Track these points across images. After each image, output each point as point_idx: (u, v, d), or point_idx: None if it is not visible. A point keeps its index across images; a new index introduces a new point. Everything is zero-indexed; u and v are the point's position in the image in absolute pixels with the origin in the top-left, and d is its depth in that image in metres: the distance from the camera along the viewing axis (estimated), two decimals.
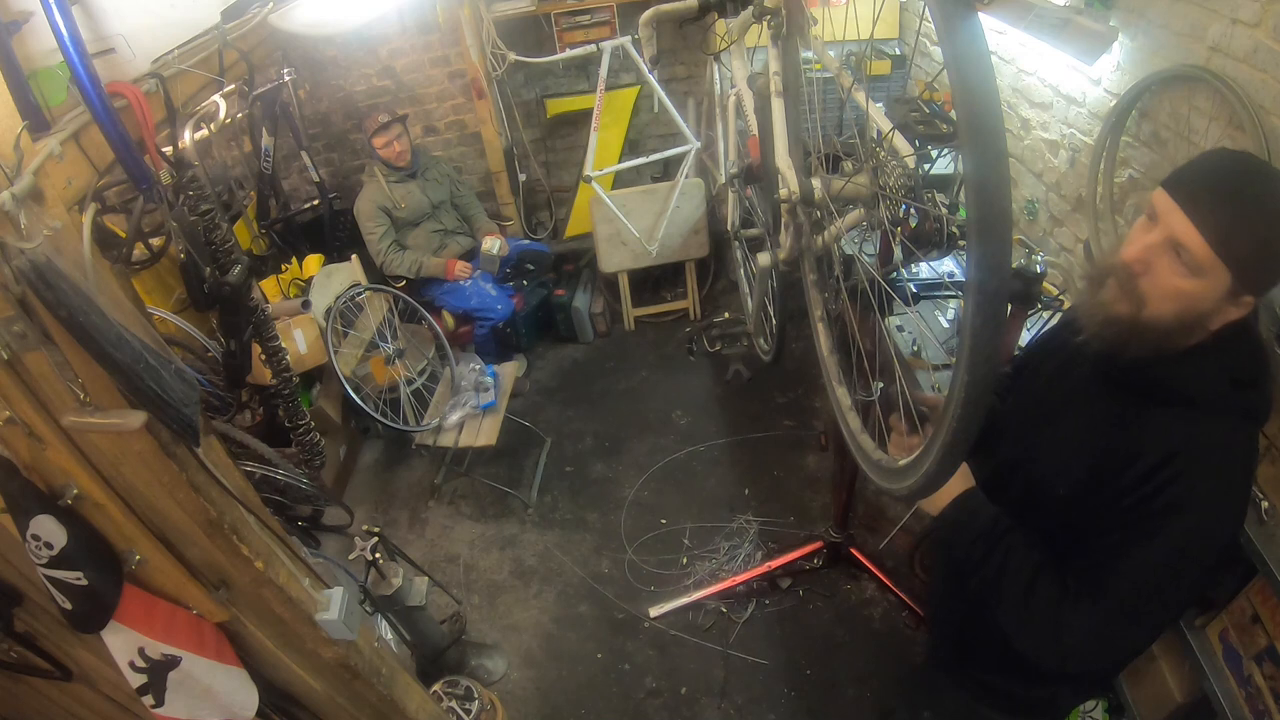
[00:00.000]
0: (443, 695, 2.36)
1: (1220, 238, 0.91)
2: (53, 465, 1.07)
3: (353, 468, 3.74)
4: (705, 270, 4.51)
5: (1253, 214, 0.92)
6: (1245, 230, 0.91)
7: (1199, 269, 0.93)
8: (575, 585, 3.04)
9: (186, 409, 1.04)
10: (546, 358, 4.34)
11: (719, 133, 3.62)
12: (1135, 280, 0.99)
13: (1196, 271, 0.94)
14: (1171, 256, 0.95)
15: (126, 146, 1.09)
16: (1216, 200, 0.93)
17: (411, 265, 3.72)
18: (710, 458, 3.51)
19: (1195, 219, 0.92)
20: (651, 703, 2.61)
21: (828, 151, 1.69)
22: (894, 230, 1.39)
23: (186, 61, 1.39)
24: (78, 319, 0.90)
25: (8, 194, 0.86)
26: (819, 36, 1.70)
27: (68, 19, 0.97)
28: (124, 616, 1.19)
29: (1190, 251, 0.93)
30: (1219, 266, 0.92)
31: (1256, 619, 1.44)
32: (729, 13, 2.01)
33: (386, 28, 3.90)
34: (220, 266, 1.68)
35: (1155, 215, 0.98)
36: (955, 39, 0.87)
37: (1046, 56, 2.26)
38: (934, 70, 3.17)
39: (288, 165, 4.13)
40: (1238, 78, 1.54)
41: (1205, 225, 0.92)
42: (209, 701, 1.34)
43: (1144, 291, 0.98)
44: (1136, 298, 0.99)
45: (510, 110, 4.22)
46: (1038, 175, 2.44)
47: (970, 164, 0.89)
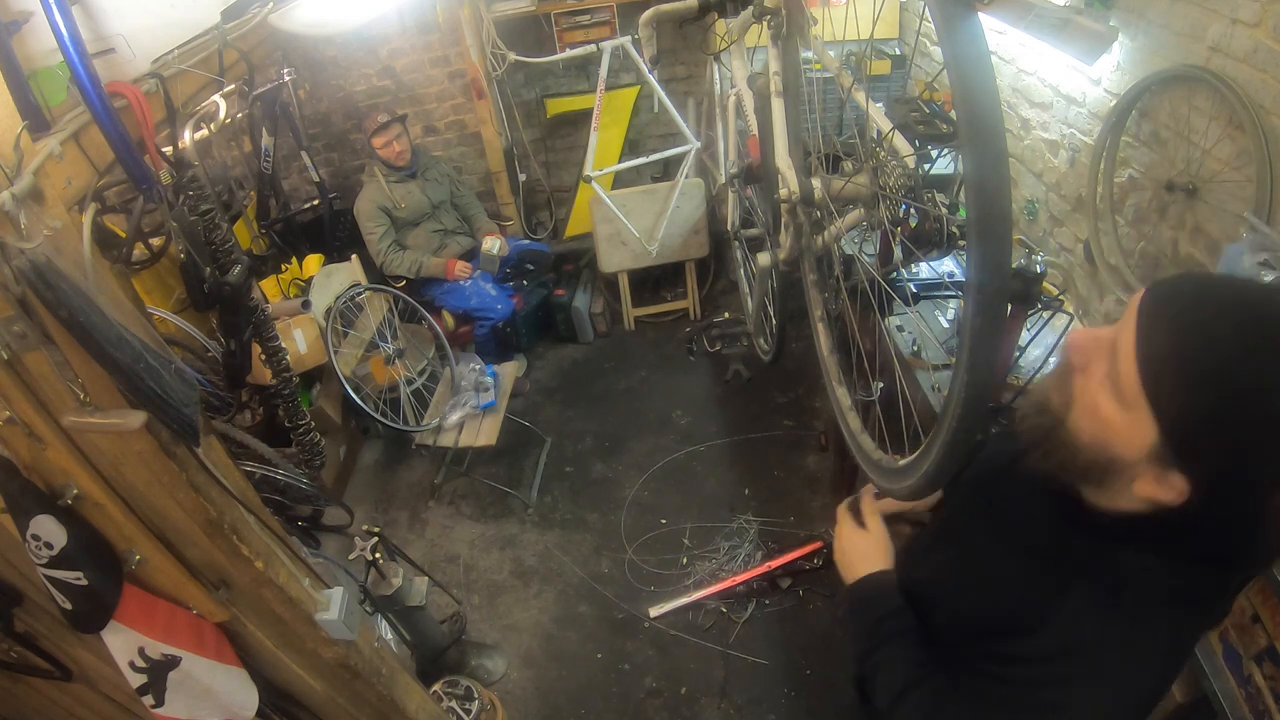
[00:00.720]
0: (443, 695, 2.36)
1: (1153, 374, 0.70)
2: (53, 465, 1.07)
3: (353, 468, 3.74)
4: (705, 270, 4.51)
5: (1205, 365, 0.67)
6: (1186, 382, 0.68)
7: (1123, 397, 0.73)
8: (575, 585, 3.04)
9: (186, 409, 1.04)
10: (546, 358, 4.34)
11: (719, 133, 3.63)
12: (1072, 372, 0.80)
13: (1121, 398, 0.73)
14: (1110, 365, 0.75)
15: (126, 146, 1.09)
16: (1172, 328, 0.70)
17: (411, 265, 3.72)
18: (710, 458, 3.51)
19: (1139, 336, 0.72)
20: (651, 703, 2.61)
21: (828, 151, 1.69)
22: (894, 230, 1.40)
23: (186, 61, 1.39)
24: (78, 319, 0.90)
25: (8, 194, 0.86)
26: (819, 36, 1.70)
27: (68, 19, 0.97)
28: (124, 616, 1.19)
29: (1119, 370, 0.73)
30: (1144, 408, 0.71)
31: (1256, 619, 1.44)
32: (729, 13, 2.01)
33: (386, 28, 3.90)
34: (220, 266, 1.68)
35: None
36: (955, 39, 0.87)
37: (1046, 56, 2.26)
38: (934, 70, 3.16)
39: (288, 165, 4.13)
40: (1238, 78, 1.54)
41: (1144, 349, 0.71)
42: (209, 701, 1.34)
43: (1075, 391, 0.79)
44: (1066, 394, 0.80)
45: (510, 110, 4.22)
46: (1038, 175, 2.44)
47: (970, 164, 0.89)
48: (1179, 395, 0.68)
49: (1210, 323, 0.68)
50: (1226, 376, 0.66)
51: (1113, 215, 2.04)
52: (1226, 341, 0.67)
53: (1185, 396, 0.68)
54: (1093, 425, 0.76)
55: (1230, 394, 0.66)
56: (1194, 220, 1.75)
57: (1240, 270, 1.35)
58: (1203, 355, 0.67)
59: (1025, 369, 1.99)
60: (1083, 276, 2.26)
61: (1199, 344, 0.68)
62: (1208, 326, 0.68)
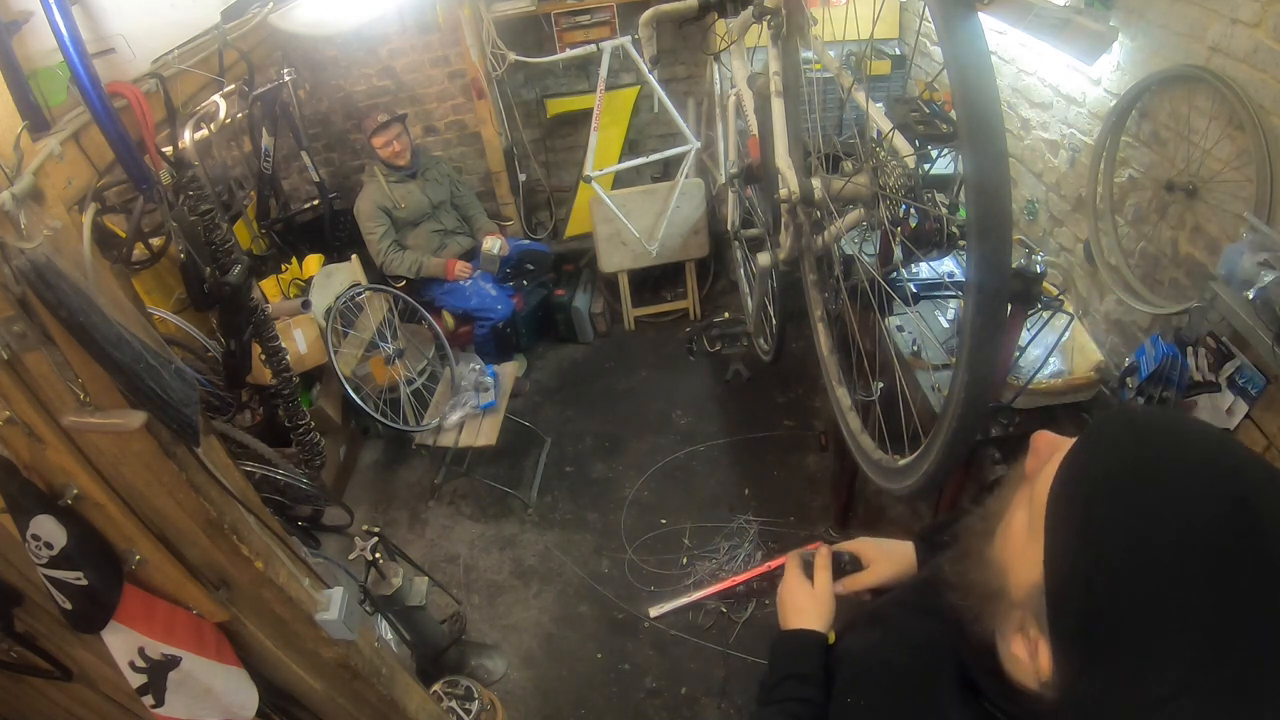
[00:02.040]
0: (443, 695, 2.36)
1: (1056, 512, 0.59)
2: (53, 465, 1.07)
3: (353, 468, 3.74)
4: (705, 270, 4.51)
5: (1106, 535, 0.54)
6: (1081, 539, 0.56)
7: (1033, 522, 0.62)
8: (575, 585, 3.04)
9: (186, 409, 1.04)
10: (546, 358, 4.34)
11: (719, 133, 3.62)
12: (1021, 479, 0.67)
13: (1031, 522, 0.62)
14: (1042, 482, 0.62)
15: (126, 146, 1.09)
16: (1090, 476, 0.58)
17: (411, 265, 3.72)
18: (710, 458, 3.51)
19: (1063, 464, 0.61)
20: (651, 703, 2.61)
21: (828, 151, 1.69)
22: (894, 230, 1.40)
23: (186, 61, 1.39)
24: (78, 319, 0.90)
25: (8, 194, 0.86)
26: (819, 36, 1.70)
27: (68, 19, 0.97)
28: (124, 616, 1.19)
29: (1036, 490, 0.63)
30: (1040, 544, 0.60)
31: None
32: (729, 13, 2.01)
33: (386, 28, 3.90)
34: (220, 266, 1.68)
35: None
36: (955, 39, 0.87)
37: (1046, 56, 2.26)
38: (934, 70, 3.16)
39: (288, 165, 4.13)
40: (1238, 78, 1.54)
41: (1057, 484, 0.60)
42: (209, 701, 1.34)
43: (1012, 500, 0.68)
44: (1005, 502, 0.69)
45: (510, 110, 4.22)
46: (1038, 175, 2.44)
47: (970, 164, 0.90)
48: (1070, 548, 0.56)
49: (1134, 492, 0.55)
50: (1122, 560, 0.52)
51: (1113, 215, 2.04)
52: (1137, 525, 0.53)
53: (1073, 554, 0.56)
54: (1002, 542, 0.66)
55: (1116, 577, 0.52)
56: (1194, 220, 1.75)
57: (1240, 270, 1.35)
58: (1107, 528, 0.54)
59: (1025, 369, 1.99)
60: (1083, 276, 2.26)
61: (1108, 513, 0.55)
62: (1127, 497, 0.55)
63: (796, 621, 1.05)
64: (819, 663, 0.99)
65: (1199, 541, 0.51)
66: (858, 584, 1.10)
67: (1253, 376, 1.39)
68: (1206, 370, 1.49)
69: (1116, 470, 0.57)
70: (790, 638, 1.04)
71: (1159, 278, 1.91)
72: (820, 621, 1.04)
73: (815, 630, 1.03)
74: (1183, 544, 0.51)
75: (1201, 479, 0.54)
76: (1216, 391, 1.47)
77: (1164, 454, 0.57)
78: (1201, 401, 1.50)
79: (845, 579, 1.10)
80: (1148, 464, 0.56)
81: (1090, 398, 2.16)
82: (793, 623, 1.05)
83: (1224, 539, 0.50)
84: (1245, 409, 1.42)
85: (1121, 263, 2.00)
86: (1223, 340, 1.46)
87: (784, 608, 1.09)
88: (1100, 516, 0.55)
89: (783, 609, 1.10)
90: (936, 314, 2.31)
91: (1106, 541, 0.54)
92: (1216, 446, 0.57)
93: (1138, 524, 0.53)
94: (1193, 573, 0.50)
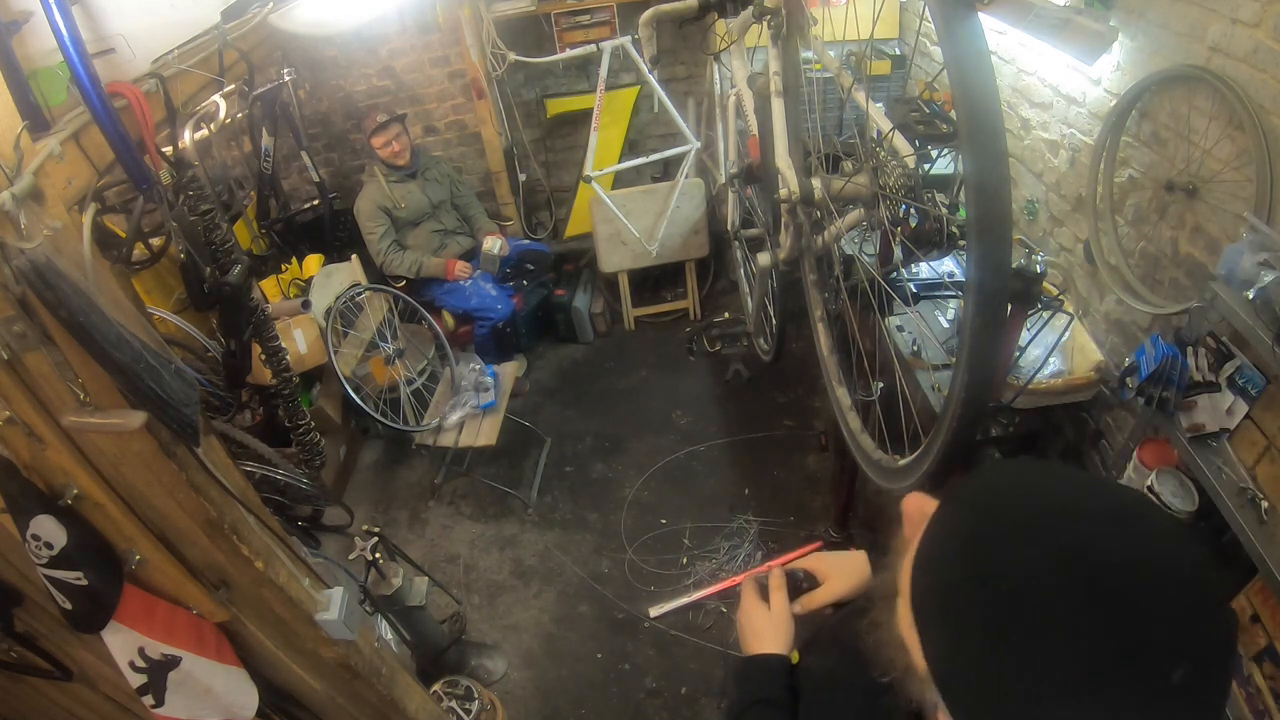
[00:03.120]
0: (443, 695, 2.36)
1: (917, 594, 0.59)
2: (53, 465, 1.07)
3: (353, 468, 3.74)
4: (705, 270, 4.51)
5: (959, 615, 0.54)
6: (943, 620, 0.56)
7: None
8: (575, 585, 3.04)
9: (186, 409, 1.04)
10: (546, 358, 4.34)
11: (719, 133, 3.63)
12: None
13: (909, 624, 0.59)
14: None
15: (126, 146, 1.09)
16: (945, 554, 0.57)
17: (411, 265, 3.72)
18: (710, 458, 3.51)
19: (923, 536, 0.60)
20: (651, 703, 2.61)
21: (828, 151, 1.69)
22: (894, 230, 1.40)
23: (186, 61, 1.39)
24: (78, 319, 0.90)
25: (8, 194, 0.86)
26: (819, 36, 1.70)
27: (68, 19, 0.97)
28: (124, 616, 1.19)
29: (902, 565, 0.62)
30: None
31: (1256, 619, 1.44)
32: (729, 13, 2.01)
33: (386, 28, 3.90)
34: (220, 266, 1.68)
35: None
36: (955, 39, 0.87)
37: (1046, 56, 2.26)
38: (934, 70, 3.16)
39: (288, 165, 4.13)
40: (1238, 78, 1.54)
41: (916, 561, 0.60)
42: (209, 701, 1.34)
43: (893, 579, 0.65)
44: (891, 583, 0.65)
45: (510, 110, 4.22)
46: (1038, 175, 2.44)
47: (970, 164, 0.90)
48: (940, 643, 0.56)
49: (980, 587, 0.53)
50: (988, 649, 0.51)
51: (1113, 215, 2.04)
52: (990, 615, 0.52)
53: (945, 649, 0.55)
54: (901, 616, 0.62)
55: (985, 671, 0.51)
56: (1194, 220, 1.75)
57: (1240, 270, 1.35)
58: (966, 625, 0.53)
59: (1025, 369, 1.99)
60: (1083, 276, 2.26)
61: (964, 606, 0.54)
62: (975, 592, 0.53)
63: (757, 646, 1.03)
64: (784, 685, 0.98)
65: (1056, 612, 0.50)
66: (815, 602, 1.08)
67: (1253, 376, 1.39)
68: (1206, 370, 1.49)
69: (959, 568, 0.56)
70: (752, 663, 1.02)
71: (1159, 278, 1.91)
72: (780, 644, 1.03)
73: (777, 653, 1.02)
74: (1039, 622, 0.50)
75: (1038, 547, 0.52)
76: (1216, 391, 1.47)
77: (1000, 531, 0.55)
78: (1201, 401, 1.50)
79: (802, 598, 1.08)
80: (985, 549, 0.55)
81: (1090, 398, 2.16)
82: (753, 647, 1.04)
83: (1076, 602, 0.49)
84: (1245, 409, 1.42)
85: (1121, 263, 2.00)
86: (1223, 340, 1.46)
87: (743, 633, 1.08)
88: (958, 609, 0.54)
89: (742, 634, 1.08)
90: (936, 314, 2.31)
91: (968, 637, 0.53)
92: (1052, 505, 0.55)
93: (991, 613, 0.52)
94: (1059, 649, 0.49)
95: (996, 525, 0.56)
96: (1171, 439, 1.59)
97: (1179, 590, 0.51)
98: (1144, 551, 0.52)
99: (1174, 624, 0.49)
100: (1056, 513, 0.55)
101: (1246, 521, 1.36)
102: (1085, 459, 2.35)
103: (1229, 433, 1.47)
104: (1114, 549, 0.51)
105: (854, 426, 1.88)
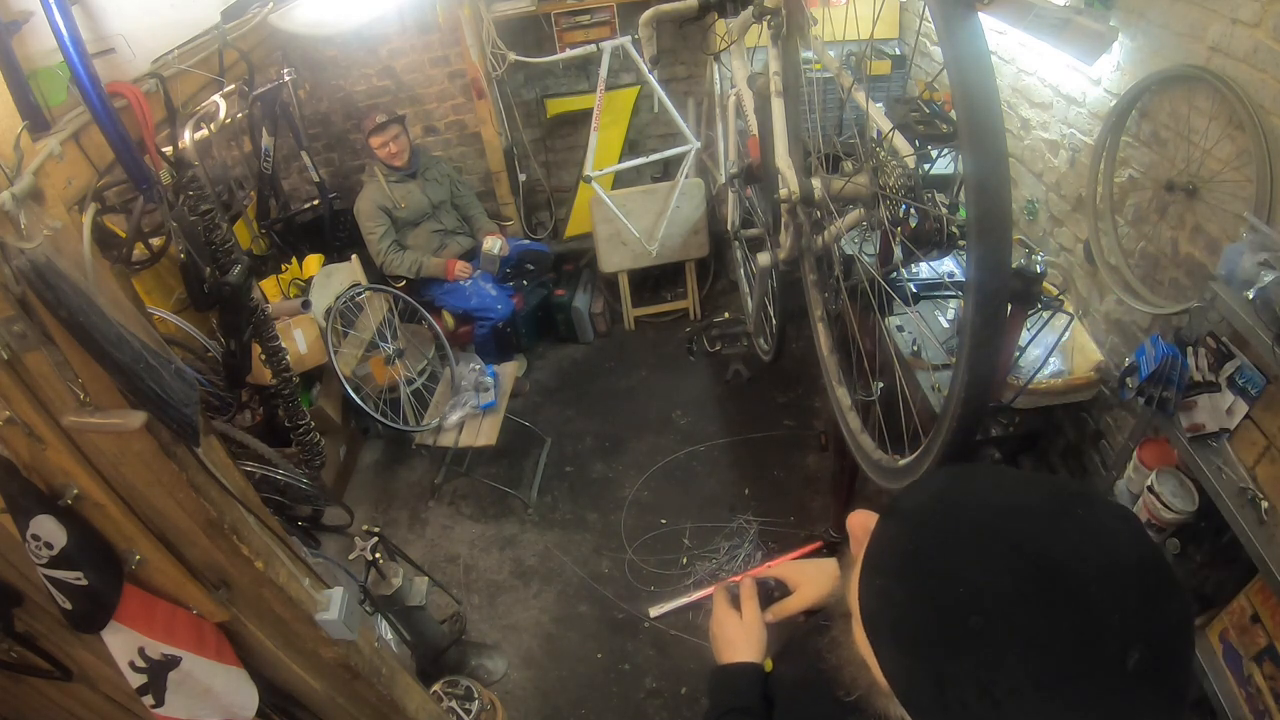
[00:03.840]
0: (443, 695, 2.36)
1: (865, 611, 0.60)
2: (53, 465, 1.07)
3: (353, 468, 3.74)
4: (705, 270, 4.51)
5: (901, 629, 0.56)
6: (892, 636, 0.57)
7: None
8: (575, 585, 3.04)
9: (186, 409, 1.04)
10: (546, 358, 4.34)
11: (719, 133, 3.63)
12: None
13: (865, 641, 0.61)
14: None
15: (126, 146, 1.09)
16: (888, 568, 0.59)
17: (411, 265, 3.72)
18: (710, 458, 3.51)
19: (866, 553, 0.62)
20: (651, 703, 2.61)
21: (828, 151, 1.70)
22: (894, 230, 1.40)
23: (186, 61, 1.39)
24: (78, 319, 0.90)
25: (8, 194, 0.86)
26: (819, 36, 1.70)
27: (68, 19, 0.97)
28: (124, 616, 1.19)
29: (850, 579, 0.64)
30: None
31: (1256, 619, 1.44)
32: (729, 13, 2.01)
33: (386, 28, 3.90)
34: (220, 266, 1.68)
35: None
36: (955, 39, 0.87)
37: (1046, 56, 2.26)
38: (934, 70, 3.16)
39: (288, 165, 4.13)
40: (1238, 78, 1.54)
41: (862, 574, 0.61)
42: (209, 701, 1.34)
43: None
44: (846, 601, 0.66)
45: (510, 110, 4.22)
46: (1038, 175, 2.44)
47: (970, 164, 0.90)
48: (895, 661, 0.57)
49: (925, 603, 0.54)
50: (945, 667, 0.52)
51: (1113, 215, 2.04)
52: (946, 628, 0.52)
53: (901, 667, 0.56)
54: (857, 634, 0.62)
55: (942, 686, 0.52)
56: (1194, 220, 1.75)
57: (1240, 270, 1.35)
58: (923, 649, 0.54)
59: (1025, 369, 1.99)
60: (1083, 276, 2.26)
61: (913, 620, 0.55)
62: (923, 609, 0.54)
63: (730, 655, 1.03)
64: (758, 694, 0.98)
65: (1003, 616, 0.50)
66: (786, 610, 1.08)
67: (1253, 376, 1.39)
68: (1206, 370, 1.49)
69: (902, 584, 0.56)
70: (726, 672, 1.02)
71: (1159, 278, 1.91)
72: (753, 652, 1.02)
73: (751, 661, 1.02)
74: (987, 628, 0.50)
75: (978, 554, 0.53)
76: (1216, 391, 1.47)
77: (939, 542, 0.56)
78: (1201, 401, 1.50)
79: (774, 606, 1.08)
80: (926, 562, 0.55)
81: (1090, 398, 2.16)
82: (726, 656, 1.04)
83: (1022, 603, 0.50)
84: (1245, 409, 1.42)
85: (1121, 263, 2.00)
86: (1223, 340, 1.46)
87: (716, 642, 1.08)
88: (907, 624, 0.55)
89: (715, 644, 1.08)
90: (936, 314, 2.31)
91: (921, 651, 0.53)
92: (988, 510, 0.56)
93: (939, 626, 0.53)
94: (1011, 652, 0.49)
95: (935, 536, 0.56)
96: (1171, 439, 1.59)
97: (1125, 576, 0.51)
98: (1085, 543, 0.52)
99: (1124, 611, 0.49)
100: (993, 517, 0.55)
101: (1246, 521, 1.36)
102: (1085, 459, 2.35)
103: (1229, 433, 1.47)
104: (1054, 544, 0.52)
105: (854, 426, 1.88)
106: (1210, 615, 1.57)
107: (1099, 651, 0.48)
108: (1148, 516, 1.67)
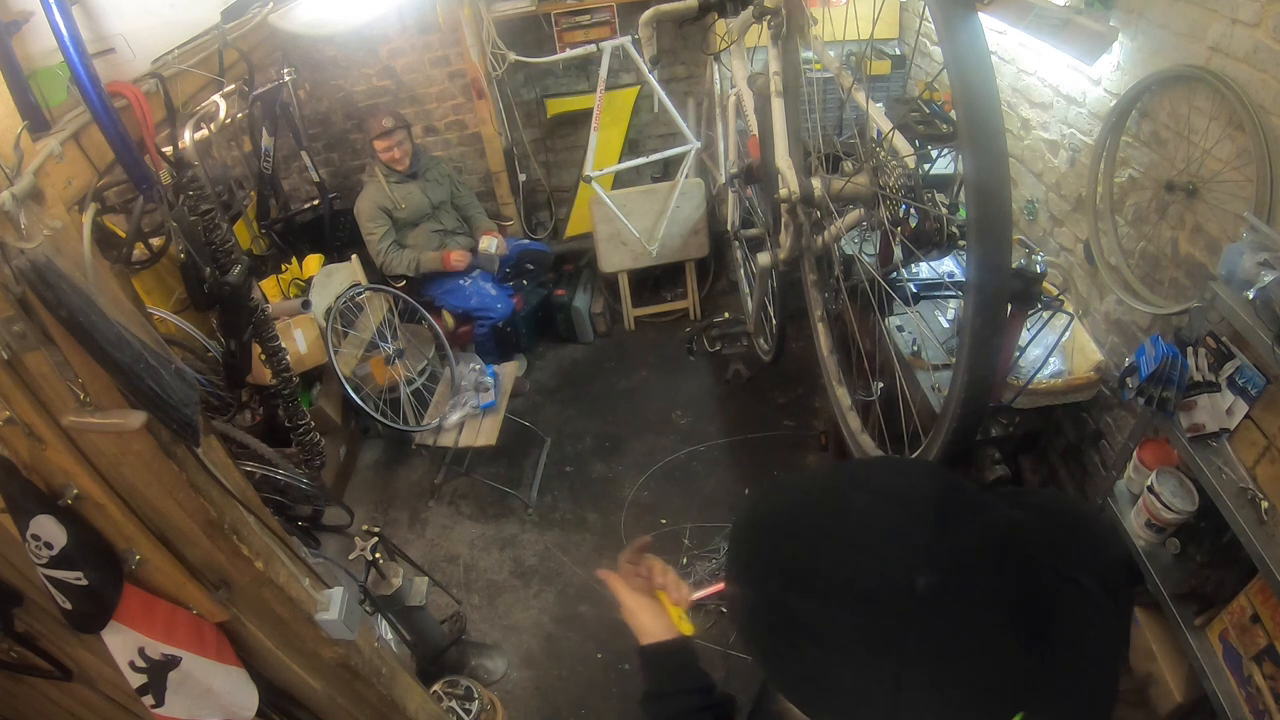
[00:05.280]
0: (443, 695, 2.36)
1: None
2: (53, 465, 1.07)
3: (353, 468, 3.74)
4: (705, 270, 4.51)
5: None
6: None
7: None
8: (575, 585, 3.04)
9: (186, 409, 1.04)
10: (546, 358, 4.34)
11: (719, 133, 3.63)
12: None
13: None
14: None
15: (126, 146, 1.09)
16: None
17: (410, 263, 3.72)
18: (710, 458, 3.51)
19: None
20: None
21: (828, 151, 1.70)
22: (894, 230, 1.40)
23: (186, 61, 1.39)
24: (78, 319, 0.90)
25: (8, 194, 0.86)
26: (819, 36, 1.70)
27: (68, 19, 0.97)
28: (124, 616, 1.19)
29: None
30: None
31: (1256, 619, 1.44)
32: (729, 13, 2.01)
33: (386, 28, 3.90)
34: (220, 266, 1.68)
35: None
36: (955, 39, 0.87)
37: (1046, 56, 2.26)
38: (934, 70, 3.16)
39: (288, 165, 4.13)
40: (1238, 78, 1.54)
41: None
42: (209, 701, 1.34)
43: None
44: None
45: (510, 110, 4.22)
46: (1038, 175, 2.44)
47: (970, 164, 0.90)
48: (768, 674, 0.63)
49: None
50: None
51: (1113, 215, 2.04)
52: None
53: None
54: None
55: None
56: (1194, 220, 1.75)
57: (1240, 270, 1.35)
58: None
59: (1025, 369, 1.99)
60: (1083, 276, 2.26)
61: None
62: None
63: (644, 633, 1.07)
64: (693, 662, 1.07)
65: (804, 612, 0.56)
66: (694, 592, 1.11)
67: (1253, 376, 1.39)
68: (1206, 370, 1.49)
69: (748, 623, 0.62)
70: (653, 651, 1.08)
71: (1159, 278, 1.91)
72: (669, 630, 1.08)
73: (671, 639, 1.07)
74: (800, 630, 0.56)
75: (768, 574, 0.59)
76: (1216, 391, 1.47)
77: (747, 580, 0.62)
78: (1201, 401, 1.50)
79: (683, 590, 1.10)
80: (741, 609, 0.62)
81: (1090, 398, 2.16)
82: (650, 638, 1.07)
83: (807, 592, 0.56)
84: (1245, 409, 1.42)
85: (1121, 263, 2.00)
86: (1223, 340, 1.46)
87: (633, 626, 1.10)
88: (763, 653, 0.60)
89: (633, 628, 1.10)
90: (936, 314, 2.31)
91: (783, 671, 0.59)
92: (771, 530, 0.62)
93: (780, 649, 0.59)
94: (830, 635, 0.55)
95: (742, 577, 0.62)
96: (1171, 439, 1.59)
97: (900, 514, 0.55)
98: (859, 498, 0.58)
99: (904, 541, 0.53)
100: (773, 535, 0.61)
101: (1246, 521, 1.36)
102: (1085, 459, 2.35)
103: (1229, 433, 1.47)
104: (828, 506, 0.59)
105: (854, 426, 1.88)
106: (1210, 615, 1.57)
107: (885, 583, 0.52)
108: (1148, 516, 1.68)
